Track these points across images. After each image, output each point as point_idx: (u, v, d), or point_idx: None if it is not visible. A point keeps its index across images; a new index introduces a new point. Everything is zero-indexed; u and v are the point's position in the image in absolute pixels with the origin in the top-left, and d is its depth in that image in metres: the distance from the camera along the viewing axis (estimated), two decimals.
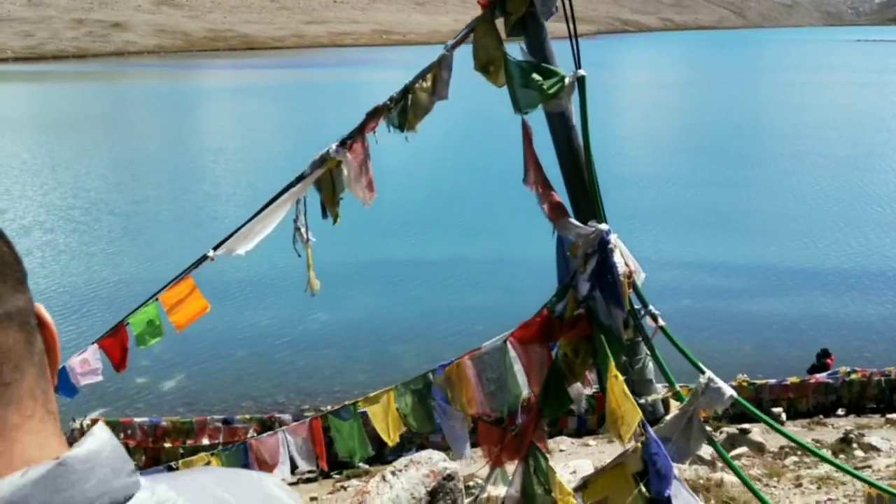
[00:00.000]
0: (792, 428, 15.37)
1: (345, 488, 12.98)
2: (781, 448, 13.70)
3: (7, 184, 37.24)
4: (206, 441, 15.43)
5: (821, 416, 16.54)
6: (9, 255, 0.87)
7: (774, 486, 11.26)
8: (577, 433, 15.70)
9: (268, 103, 76.62)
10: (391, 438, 5.19)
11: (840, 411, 16.90)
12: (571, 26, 4.36)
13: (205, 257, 5.40)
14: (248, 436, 13.40)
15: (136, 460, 12.83)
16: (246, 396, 18.76)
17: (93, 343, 5.62)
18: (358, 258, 26.62)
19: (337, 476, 13.71)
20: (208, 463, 5.67)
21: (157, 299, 5.39)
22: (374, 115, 4.89)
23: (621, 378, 4.19)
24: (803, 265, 27.14)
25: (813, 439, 14.32)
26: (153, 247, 28.33)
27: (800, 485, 11.18)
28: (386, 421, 5.12)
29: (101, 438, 0.85)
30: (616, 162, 40.74)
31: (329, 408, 17.34)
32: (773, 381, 16.91)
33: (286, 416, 15.94)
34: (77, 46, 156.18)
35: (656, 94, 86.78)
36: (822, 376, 17.22)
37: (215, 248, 5.34)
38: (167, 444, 15.44)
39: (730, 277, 25.86)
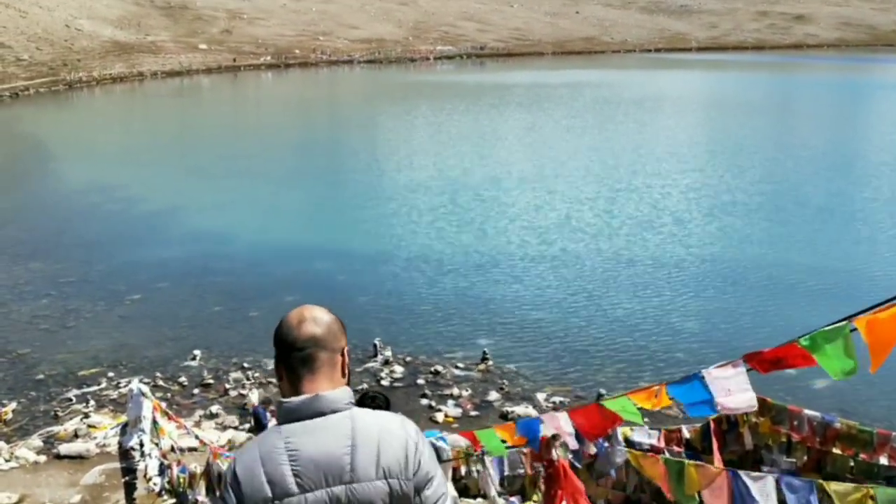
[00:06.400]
0: None
1: None
2: None
3: (694, 164, 38.73)
4: (883, 460, 13.14)
5: None
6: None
7: None
8: None
9: None
10: None
11: None
12: None
13: None
14: None
15: (797, 458, 11.45)
16: None
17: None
18: None
19: None
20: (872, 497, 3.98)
21: (850, 322, 3.74)
22: None
23: None
24: None
25: None
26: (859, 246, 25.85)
27: None
28: None
29: (346, 391, 2.57)
30: None
31: None
32: None
33: None
34: (757, 38, 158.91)
35: None
36: None
37: None
38: (836, 450, 13.60)
39: None
